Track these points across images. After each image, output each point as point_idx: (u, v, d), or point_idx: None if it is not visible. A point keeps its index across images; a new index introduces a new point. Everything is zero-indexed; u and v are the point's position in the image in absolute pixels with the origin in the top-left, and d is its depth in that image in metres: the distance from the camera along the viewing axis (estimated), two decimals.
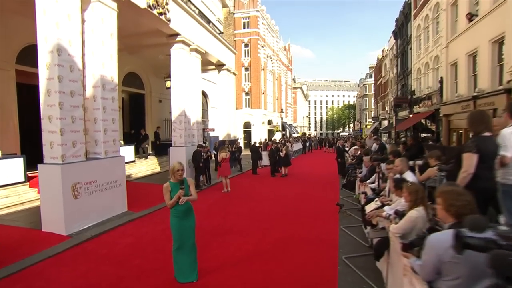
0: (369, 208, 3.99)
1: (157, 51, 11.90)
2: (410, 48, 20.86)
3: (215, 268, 4.21)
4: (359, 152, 10.30)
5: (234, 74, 16.46)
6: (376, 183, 5.53)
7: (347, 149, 14.38)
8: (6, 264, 4.20)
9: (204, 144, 10.89)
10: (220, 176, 9.85)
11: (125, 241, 5.32)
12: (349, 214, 6.91)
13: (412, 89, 19.98)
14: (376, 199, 4.09)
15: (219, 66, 14.94)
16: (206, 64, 14.42)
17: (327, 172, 14.56)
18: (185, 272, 3.77)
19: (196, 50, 11.23)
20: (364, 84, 58.51)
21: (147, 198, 8.25)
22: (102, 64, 6.47)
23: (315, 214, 7.03)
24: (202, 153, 10.06)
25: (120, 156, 7.04)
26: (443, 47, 13.67)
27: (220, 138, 16.11)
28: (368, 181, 5.75)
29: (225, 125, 16.38)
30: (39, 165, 5.55)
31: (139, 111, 15.17)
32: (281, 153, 13.17)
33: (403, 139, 18.82)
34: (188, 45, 10.64)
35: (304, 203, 8.09)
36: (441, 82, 13.90)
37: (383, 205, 3.93)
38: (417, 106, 18.99)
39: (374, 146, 10.98)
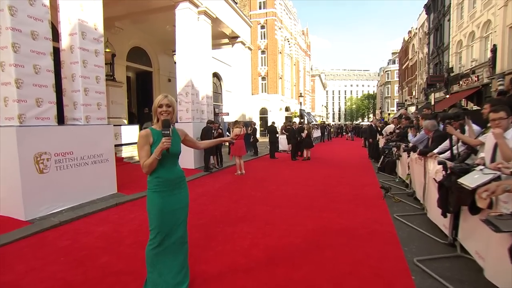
0: (470, 181, 2.34)
1: (163, 21, 10.45)
2: (448, 20, 18.33)
3: (219, 274, 2.71)
4: (398, 127, 8.47)
5: (250, 49, 14.78)
6: (449, 152, 3.81)
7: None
8: None
9: (214, 121, 9.33)
10: (233, 156, 8.32)
11: (100, 229, 3.91)
12: (399, 199, 5.22)
13: (450, 66, 17.56)
14: (481, 167, 2.42)
15: (233, 38, 13.31)
16: (218, 36, 12.84)
17: (354, 156, 12.76)
18: (168, 282, 2.25)
19: (206, 14, 9.64)
20: (386, 71, 55.15)
21: (142, 180, 6.85)
22: (80, 6, 5.02)
23: (354, 199, 5.37)
24: (213, 131, 8.56)
25: (108, 125, 5.64)
26: (499, 7, 11.38)
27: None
28: (437, 150, 4.02)
29: (240, 108, 14.84)
30: None
31: (146, 90, 13.86)
32: (302, 134, 11.49)
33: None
34: (196, 5, 9.07)
35: (336, 187, 6.44)
36: (494, 51, 11.65)
37: (496, 177, 2.25)
38: (456, 84, 16.62)
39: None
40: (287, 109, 32.57)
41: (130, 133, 10.66)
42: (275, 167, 9.73)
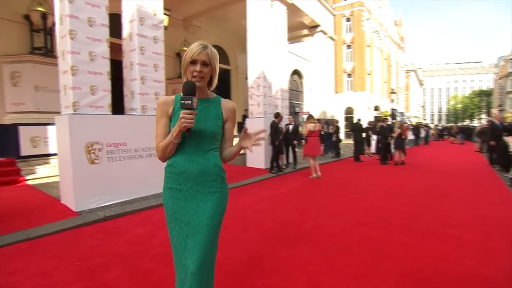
0: None
1: (240, 17, 10.04)
2: None
3: None
4: None
5: (332, 39, 13.20)
6: None
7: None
8: None
9: (280, 113, 8.21)
10: (307, 157, 7.10)
11: (137, 231, 3.34)
12: None
13: None
14: None
15: (313, 28, 12.03)
16: (296, 27, 11.79)
17: (466, 162, 9.82)
18: None
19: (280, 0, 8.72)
20: (509, 60, 43.91)
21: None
22: None
23: (480, 224, 3.54)
24: (280, 125, 7.49)
25: None
26: None
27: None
28: None
29: (322, 106, 13.42)
30: (55, 117, 4.18)
31: (224, 88, 13.85)
32: (393, 135, 9.36)
33: None
34: None
35: (445, 203, 4.56)
36: None
37: None
38: None
39: None
40: (376, 108, 28.96)
41: None
42: (359, 171, 8.05)
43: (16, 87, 6.35)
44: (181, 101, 1.17)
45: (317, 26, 11.93)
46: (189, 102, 1.17)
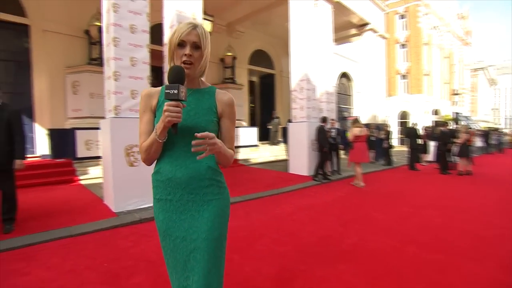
0: None
1: (283, 20, 9.91)
2: None
3: None
4: None
5: (383, 37, 12.28)
6: None
7: None
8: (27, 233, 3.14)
9: (327, 117, 7.73)
10: (352, 164, 6.55)
11: None
12: None
13: None
14: None
15: (361, 27, 11.34)
16: (344, 27, 11.23)
17: None
18: None
19: None
20: None
21: (250, 183, 6.28)
22: None
23: None
24: (329, 130, 7.07)
25: None
26: None
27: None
28: None
29: (372, 110, 12.55)
30: (100, 121, 4.42)
31: (268, 93, 13.76)
32: (456, 141, 8.22)
33: None
34: None
35: None
36: None
37: None
38: None
39: None
40: (436, 112, 26.27)
41: (249, 135, 10.63)
42: (414, 181, 7.19)
43: (75, 95, 7.09)
44: (166, 91, 0.96)
45: (366, 24, 11.21)
46: (175, 91, 0.95)
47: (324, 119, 7.21)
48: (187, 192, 1.12)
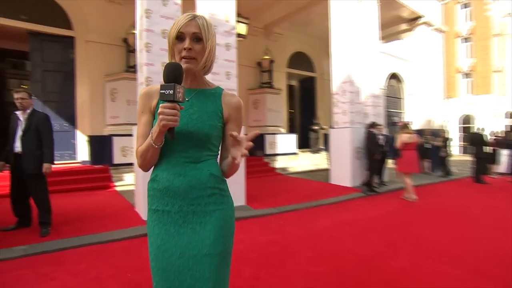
0: None
1: (323, 19, 9.73)
2: None
3: None
4: None
5: (441, 31, 11.40)
6: None
7: None
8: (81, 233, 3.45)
9: (376, 123, 7.26)
10: (401, 174, 6.06)
11: None
12: None
13: None
14: None
15: (413, 20, 10.65)
16: (392, 23, 10.66)
17: None
18: None
19: None
20: None
21: (286, 193, 6.13)
22: None
23: None
24: (379, 136, 6.64)
25: None
26: None
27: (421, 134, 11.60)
28: None
29: (426, 114, 11.66)
30: (133, 128, 4.64)
31: (309, 97, 13.51)
32: None
33: None
34: None
35: None
36: None
37: None
38: None
39: None
40: (511, 115, 23.56)
41: (287, 142, 10.54)
42: (481, 196, 6.41)
43: (113, 102, 7.61)
44: (160, 91, 0.90)
45: (418, 17, 10.50)
46: (170, 91, 0.89)
47: (372, 125, 6.81)
48: (187, 202, 1.06)
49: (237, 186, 5.04)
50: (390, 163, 7.04)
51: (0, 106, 9.11)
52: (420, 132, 9.67)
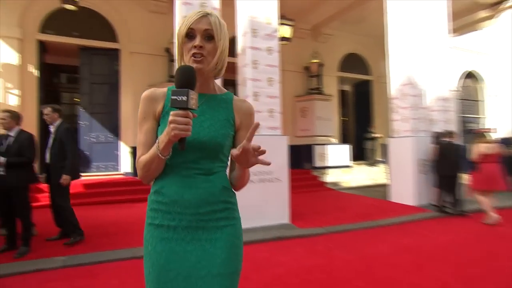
0: None
1: (380, 13, 9.42)
2: None
3: None
4: None
5: None
6: None
7: None
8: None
9: (452, 131, 6.61)
10: (475, 192, 5.45)
11: None
12: None
13: None
14: None
15: (496, 5, 9.76)
16: (468, 10, 9.89)
17: None
18: None
19: None
20: None
21: (337, 212, 5.97)
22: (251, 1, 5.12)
23: None
24: (455, 145, 6.08)
25: (281, 136, 5.25)
26: None
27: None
28: None
29: None
30: None
31: (364, 103, 13.01)
32: None
33: None
34: None
35: None
36: None
37: None
38: None
39: None
40: None
41: (339, 154, 10.27)
42: None
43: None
44: (172, 97, 0.88)
45: (503, 0, 9.59)
46: (184, 98, 0.87)
47: (448, 133, 6.25)
48: (197, 218, 1.04)
49: (280, 202, 5.03)
50: (465, 178, 6.37)
51: None
52: (507, 142, 8.69)
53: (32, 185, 3.95)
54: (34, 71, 7.59)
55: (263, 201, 4.82)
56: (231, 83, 6.41)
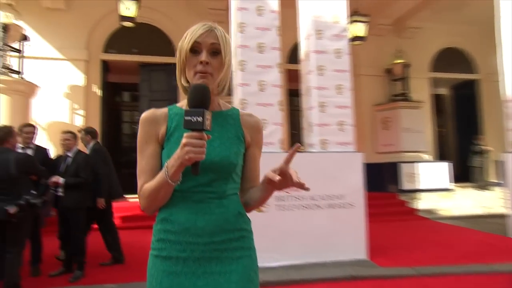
0: None
1: None
2: None
3: None
4: None
5: None
6: None
7: None
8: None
9: None
10: None
11: None
12: None
13: None
14: None
15: None
16: None
17: None
18: None
19: None
20: None
21: (433, 248, 5.48)
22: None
23: None
24: None
25: (353, 152, 5.02)
26: None
27: None
28: None
29: None
30: None
31: (467, 109, 11.90)
32: None
33: None
34: None
35: None
36: None
37: None
38: None
39: None
40: None
41: (435, 173, 9.63)
42: None
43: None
44: (186, 117, 0.91)
45: None
46: (199, 118, 0.89)
47: None
48: (211, 247, 1.05)
49: (354, 232, 4.79)
50: None
51: (117, 137, 11.46)
52: None
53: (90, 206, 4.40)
54: (97, 90, 8.64)
55: (333, 231, 4.61)
56: (295, 94, 6.41)
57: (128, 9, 7.24)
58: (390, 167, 9.50)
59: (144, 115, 1.17)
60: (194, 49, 1.07)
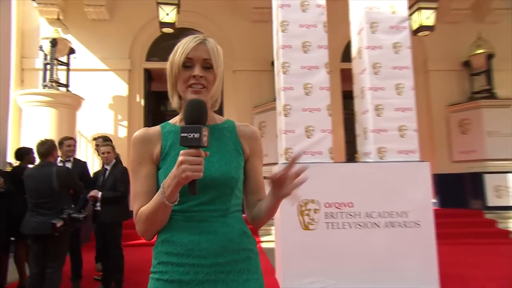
0: None
1: None
2: None
3: None
4: None
5: None
6: None
7: None
8: None
9: None
10: None
11: None
12: None
13: None
14: None
15: None
16: None
17: None
18: None
19: None
20: None
21: None
22: None
23: None
24: None
25: (419, 162, 4.83)
26: None
27: None
28: None
29: None
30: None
31: None
32: None
33: None
34: None
35: None
36: None
37: None
38: None
39: None
40: None
41: None
42: None
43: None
44: (182, 134, 0.95)
45: None
46: (196, 135, 0.94)
47: None
48: (215, 269, 1.08)
49: (421, 256, 4.56)
50: None
51: None
52: None
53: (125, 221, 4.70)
54: (140, 100, 9.24)
55: (394, 254, 4.44)
56: (349, 96, 6.36)
57: (168, 14, 7.72)
58: (472, 179, 9.01)
59: (136, 134, 1.24)
60: (187, 64, 1.16)
